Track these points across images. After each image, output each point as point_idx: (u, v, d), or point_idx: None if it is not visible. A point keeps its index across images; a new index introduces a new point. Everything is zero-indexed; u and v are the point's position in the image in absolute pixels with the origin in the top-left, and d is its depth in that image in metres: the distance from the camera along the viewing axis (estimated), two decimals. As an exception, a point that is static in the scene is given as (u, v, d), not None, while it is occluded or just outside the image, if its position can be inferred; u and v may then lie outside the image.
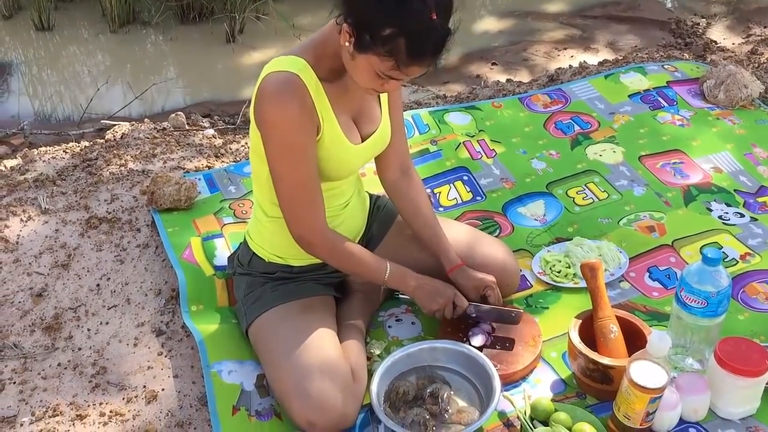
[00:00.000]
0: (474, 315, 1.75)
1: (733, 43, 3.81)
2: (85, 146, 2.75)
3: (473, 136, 2.62)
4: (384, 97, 1.73)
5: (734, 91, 2.73)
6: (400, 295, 1.82)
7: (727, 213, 2.22)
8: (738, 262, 2.04)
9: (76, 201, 2.34)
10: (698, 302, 1.60)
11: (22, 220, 2.26)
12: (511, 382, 1.69)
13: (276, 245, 1.75)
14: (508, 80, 3.42)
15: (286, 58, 1.55)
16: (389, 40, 1.39)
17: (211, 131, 2.92)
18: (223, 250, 2.08)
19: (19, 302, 1.98)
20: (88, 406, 1.69)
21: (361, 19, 1.41)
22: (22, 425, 1.64)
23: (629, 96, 2.82)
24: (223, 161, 2.61)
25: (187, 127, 2.96)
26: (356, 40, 1.43)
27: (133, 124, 2.93)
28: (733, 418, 1.59)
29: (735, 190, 2.32)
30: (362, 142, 1.68)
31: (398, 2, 1.36)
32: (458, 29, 1.44)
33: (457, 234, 1.88)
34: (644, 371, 1.46)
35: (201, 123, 3.11)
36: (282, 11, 4.12)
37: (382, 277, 1.69)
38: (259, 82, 1.54)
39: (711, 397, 1.58)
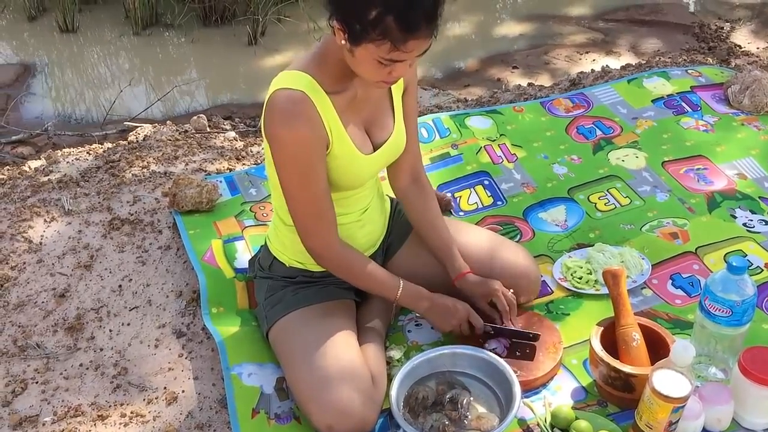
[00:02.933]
0: (492, 333, 1.74)
1: (758, 48, 3.77)
2: (108, 148, 2.77)
3: (494, 140, 2.61)
4: (398, 103, 1.72)
5: (759, 96, 2.70)
6: (416, 316, 1.83)
7: (751, 220, 2.20)
8: (763, 270, 2.01)
9: (99, 202, 2.36)
10: (723, 311, 1.58)
11: (45, 220, 2.29)
12: (531, 388, 1.68)
13: (296, 251, 1.74)
14: (529, 84, 3.41)
15: (292, 74, 1.54)
16: (378, 21, 1.37)
17: (232, 134, 2.93)
18: (243, 253, 2.09)
19: (42, 302, 2.00)
20: (110, 406, 1.70)
21: (346, 10, 1.41)
22: (44, 425, 1.66)
23: (652, 101, 2.80)
24: (244, 164, 2.62)
25: (208, 130, 2.98)
26: (348, 33, 1.42)
27: (155, 126, 2.96)
28: (757, 428, 1.57)
29: (760, 197, 2.29)
30: (375, 151, 1.67)
31: None
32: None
33: (477, 239, 1.87)
34: (667, 380, 1.45)
35: (222, 125, 3.13)
36: (304, 14, 4.13)
37: (393, 295, 1.69)
38: (267, 99, 1.54)
39: (735, 407, 1.56)
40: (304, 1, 4.13)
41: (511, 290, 1.77)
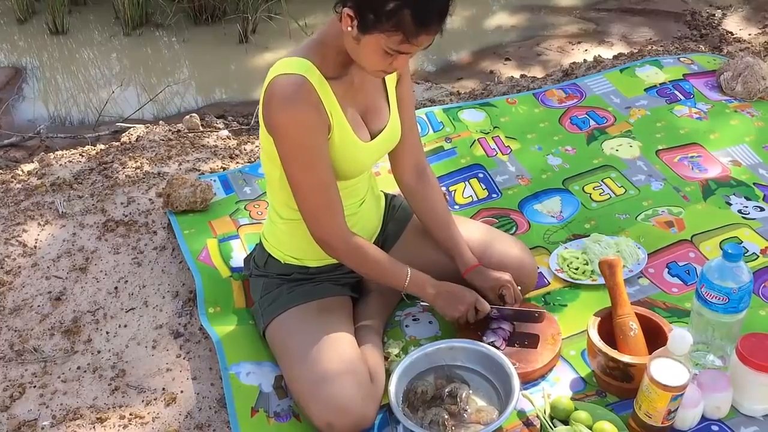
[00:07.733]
0: (496, 317, 1.74)
1: (750, 34, 3.77)
2: (100, 149, 2.76)
3: (488, 132, 2.61)
4: (392, 93, 1.72)
5: (752, 83, 2.70)
6: (420, 302, 1.82)
7: (746, 207, 2.20)
8: (758, 256, 2.01)
9: (93, 204, 2.36)
10: (719, 298, 1.58)
11: (39, 224, 2.28)
12: (530, 380, 1.68)
13: (292, 247, 1.74)
14: (522, 76, 3.40)
15: (291, 60, 1.54)
16: (394, 13, 1.39)
17: (225, 132, 2.92)
18: (239, 252, 2.08)
19: (38, 306, 1.99)
20: (108, 409, 1.70)
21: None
22: (42, 429, 1.65)
23: (645, 90, 2.80)
24: (237, 162, 2.61)
25: (201, 129, 2.96)
26: (359, 21, 1.43)
27: (147, 127, 2.95)
28: (756, 414, 1.58)
29: (754, 184, 2.29)
30: (372, 139, 1.68)
31: None
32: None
33: (472, 233, 1.87)
34: (665, 369, 1.45)
35: (215, 124, 3.12)
36: (294, 11, 4.12)
37: (402, 283, 1.68)
38: (266, 86, 1.54)
39: (733, 394, 1.57)
40: (287, 2, 4.12)
41: (519, 287, 1.77)
